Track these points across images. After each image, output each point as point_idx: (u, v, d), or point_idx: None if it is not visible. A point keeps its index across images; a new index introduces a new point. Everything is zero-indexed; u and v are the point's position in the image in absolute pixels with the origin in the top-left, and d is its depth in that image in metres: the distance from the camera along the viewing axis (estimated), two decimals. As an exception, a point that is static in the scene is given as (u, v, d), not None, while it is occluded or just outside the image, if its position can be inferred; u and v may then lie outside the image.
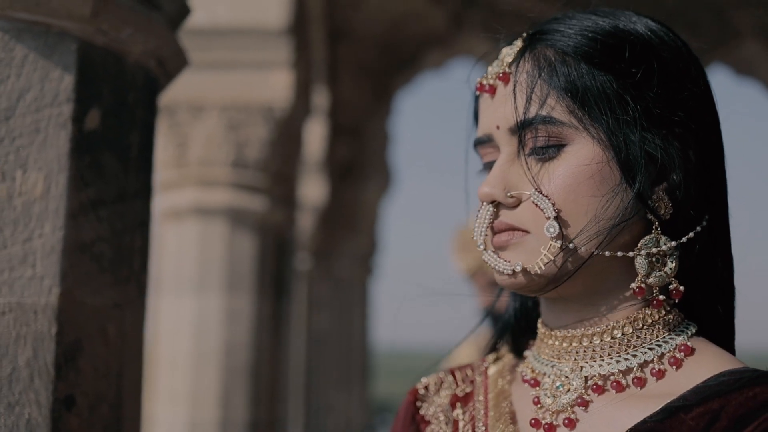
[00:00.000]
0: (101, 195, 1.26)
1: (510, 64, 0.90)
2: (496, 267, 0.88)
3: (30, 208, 1.18)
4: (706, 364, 0.85)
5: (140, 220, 1.36)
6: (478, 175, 0.96)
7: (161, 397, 3.36)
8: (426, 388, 1.05)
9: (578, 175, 0.84)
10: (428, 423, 1.01)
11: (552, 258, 0.84)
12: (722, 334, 0.91)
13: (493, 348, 1.07)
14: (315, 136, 6.07)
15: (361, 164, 7.11)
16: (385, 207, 8.00)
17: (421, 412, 1.03)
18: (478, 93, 0.94)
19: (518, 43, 0.92)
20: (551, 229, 0.84)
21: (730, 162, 0.93)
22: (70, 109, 1.22)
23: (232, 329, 3.43)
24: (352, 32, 5.96)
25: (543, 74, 0.87)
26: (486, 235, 0.89)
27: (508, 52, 0.92)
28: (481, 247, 0.89)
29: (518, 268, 0.86)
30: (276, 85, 3.44)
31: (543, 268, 0.85)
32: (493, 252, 0.88)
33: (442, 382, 1.05)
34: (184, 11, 1.52)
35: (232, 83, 3.45)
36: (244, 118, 3.47)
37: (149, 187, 1.41)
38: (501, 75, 0.90)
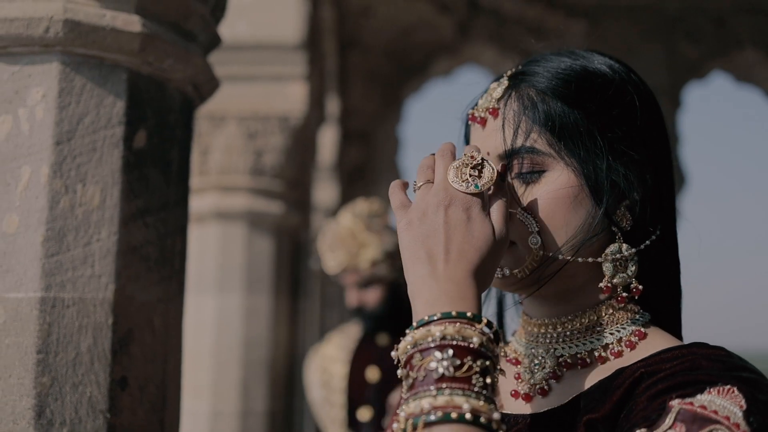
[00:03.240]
0: (148, 204, 1.39)
1: (498, 100, 1.05)
2: None
3: (89, 216, 1.32)
4: (653, 344, 1.01)
5: (179, 225, 1.49)
6: None
7: (185, 389, 3.49)
8: None
9: (556, 197, 0.99)
10: None
11: (535, 265, 1.00)
12: (671, 323, 1.07)
13: (367, 337, 1.19)
14: (327, 141, 6.17)
15: (371, 168, 7.19)
16: (395, 209, 8.04)
17: None
18: (470, 123, 1.10)
19: (504, 81, 1.07)
20: (534, 241, 0.99)
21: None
22: (121, 130, 1.36)
23: (251, 326, 3.56)
24: (362, 41, 6.06)
25: (527, 111, 1.01)
26: None
27: (496, 89, 1.06)
28: None
29: (507, 273, 1.01)
30: (292, 97, 3.57)
31: (528, 273, 1.00)
32: None
33: None
34: (216, 41, 1.66)
35: (250, 95, 3.58)
36: (261, 127, 3.59)
37: (186, 196, 1.55)
38: (491, 110, 1.05)
